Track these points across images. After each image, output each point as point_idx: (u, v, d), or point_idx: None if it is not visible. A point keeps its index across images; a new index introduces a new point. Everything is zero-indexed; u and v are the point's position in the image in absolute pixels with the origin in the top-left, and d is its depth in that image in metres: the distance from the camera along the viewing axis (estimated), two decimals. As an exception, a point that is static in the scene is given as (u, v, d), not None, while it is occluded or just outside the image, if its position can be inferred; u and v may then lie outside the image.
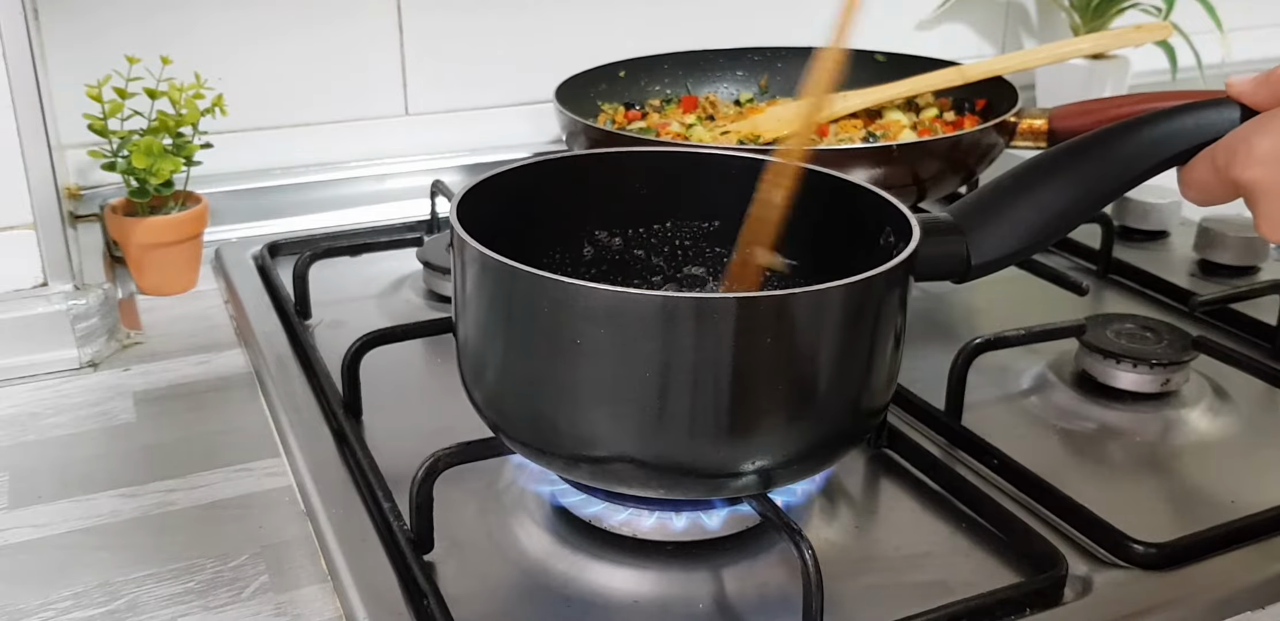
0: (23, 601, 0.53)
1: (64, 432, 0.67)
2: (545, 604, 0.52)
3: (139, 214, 0.83)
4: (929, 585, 0.53)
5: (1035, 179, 0.52)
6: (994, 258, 0.52)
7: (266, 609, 0.52)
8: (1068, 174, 0.52)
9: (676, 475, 0.48)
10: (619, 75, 1.05)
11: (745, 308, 0.45)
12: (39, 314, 0.73)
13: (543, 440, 0.50)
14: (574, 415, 0.48)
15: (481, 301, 0.50)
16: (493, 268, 0.48)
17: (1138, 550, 0.54)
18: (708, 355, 0.45)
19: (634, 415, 0.47)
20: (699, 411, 0.47)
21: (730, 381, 0.46)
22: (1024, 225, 0.52)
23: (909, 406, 0.67)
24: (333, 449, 0.63)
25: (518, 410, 0.51)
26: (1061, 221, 0.52)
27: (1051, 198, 0.52)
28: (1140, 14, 1.28)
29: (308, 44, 0.99)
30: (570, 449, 0.49)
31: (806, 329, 0.46)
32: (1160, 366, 0.68)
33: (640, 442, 0.48)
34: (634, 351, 0.45)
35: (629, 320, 0.45)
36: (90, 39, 0.91)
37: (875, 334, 0.49)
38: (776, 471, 0.49)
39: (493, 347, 0.51)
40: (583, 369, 0.47)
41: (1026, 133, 0.91)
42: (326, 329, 0.78)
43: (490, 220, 0.54)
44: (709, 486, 0.49)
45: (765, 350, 0.46)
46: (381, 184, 1.01)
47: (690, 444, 0.47)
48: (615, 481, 0.50)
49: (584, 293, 0.45)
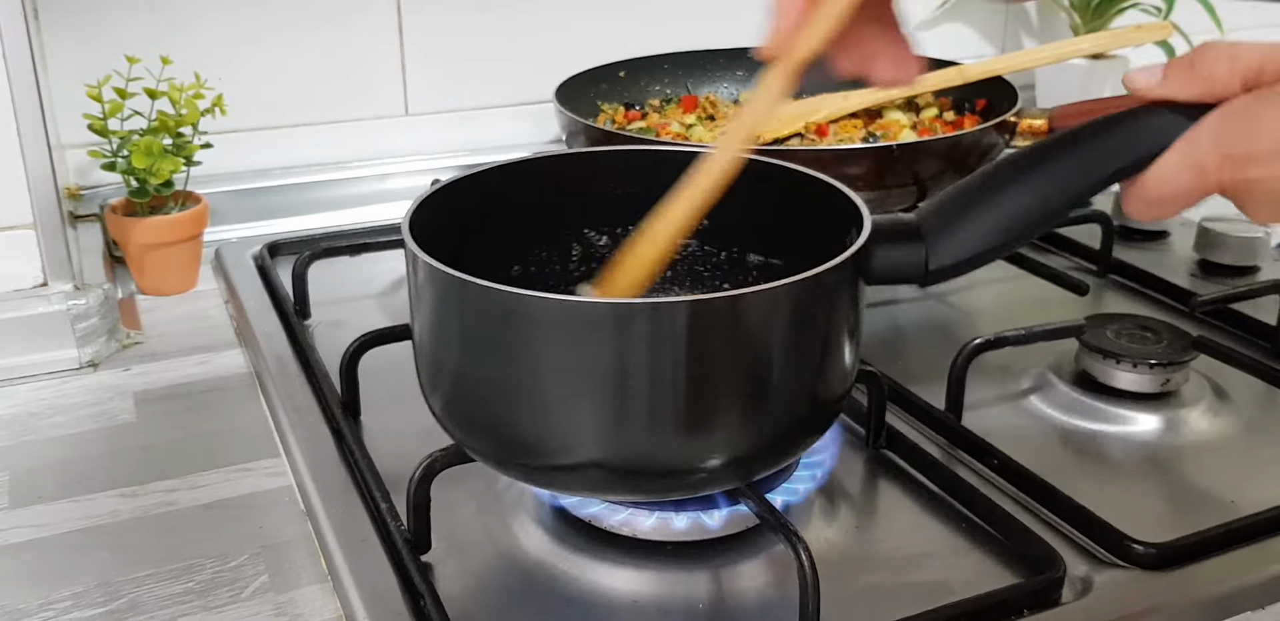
0: (23, 601, 0.53)
1: (64, 432, 0.67)
2: (544, 604, 0.52)
3: (139, 214, 0.83)
4: (928, 585, 0.53)
5: (997, 183, 0.51)
6: (953, 262, 0.50)
7: (266, 609, 0.52)
8: (1028, 179, 0.50)
9: (643, 476, 0.49)
10: (619, 75, 1.05)
11: (696, 309, 0.45)
12: (39, 314, 0.73)
13: (506, 452, 0.50)
14: (534, 425, 0.48)
15: (434, 314, 0.49)
16: (440, 280, 0.47)
17: (1137, 550, 0.54)
18: (663, 358, 0.45)
19: (595, 421, 0.47)
20: (658, 413, 0.47)
21: (686, 382, 0.46)
22: (985, 229, 0.50)
23: (909, 406, 0.67)
24: (332, 449, 0.63)
25: (478, 422, 0.51)
26: (1022, 227, 0.50)
27: (1013, 202, 0.50)
28: (1140, 14, 1.28)
29: (308, 44, 0.99)
30: (536, 459, 0.49)
31: (756, 327, 0.46)
32: (1160, 366, 0.68)
33: (603, 448, 0.48)
34: (588, 358, 0.45)
35: (581, 328, 0.45)
36: (90, 39, 0.91)
37: (827, 329, 0.49)
38: (741, 464, 0.49)
39: (448, 359, 0.50)
40: (538, 378, 0.47)
41: (1026, 132, 0.91)
42: (326, 329, 0.78)
43: (462, 224, 0.53)
44: (676, 484, 0.49)
45: (718, 349, 0.46)
46: (381, 184, 1.01)
47: (652, 445, 0.47)
48: (585, 488, 0.50)
49: (529, 302, 0.45)
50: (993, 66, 0.97)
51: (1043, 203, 0.50)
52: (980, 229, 0.50)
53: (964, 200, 0.51)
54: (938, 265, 0.50)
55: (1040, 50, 1.01)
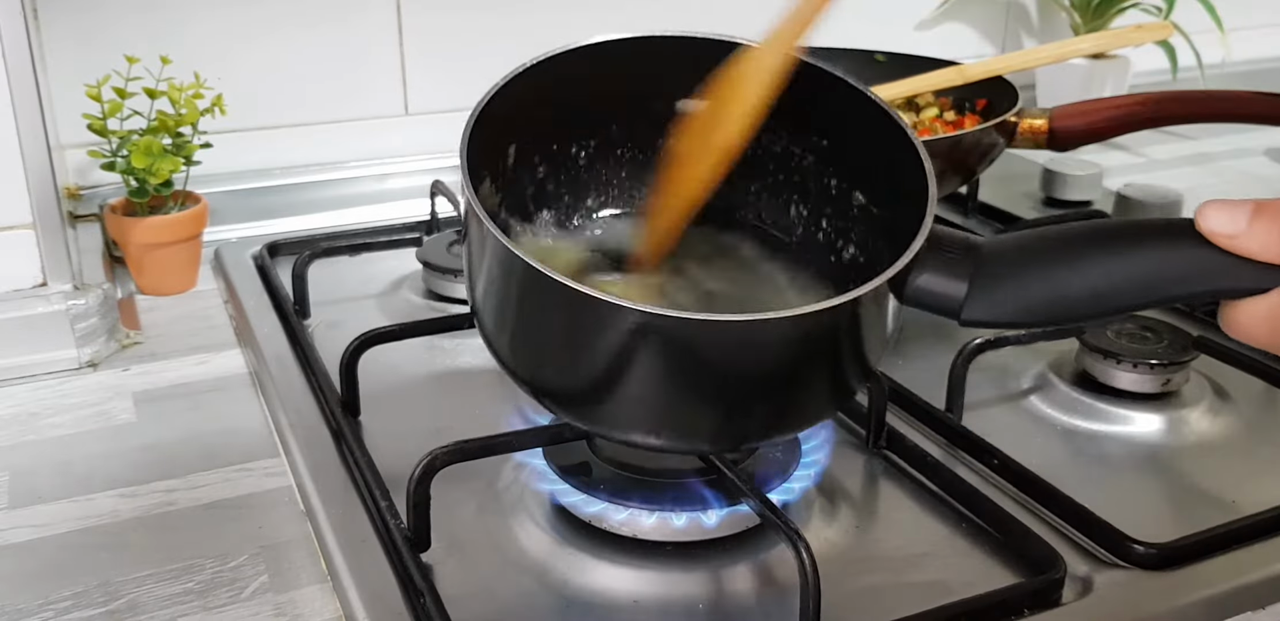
0: (23, 601, 0.53)
1: (64, 432, 0.67)
2: (545, 604, 0.52)
3: (138, 214, 0.83)
4: (929, 585, 0.53)
5: (1071, 252, 0.47)
6: (984, 318, 0.48)
7: (266, 609, 0.52)
8: (1102, 261, 0.46)
9: None
10: (619, 75, 1.05)
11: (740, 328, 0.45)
12: (38, 314, 0.73)
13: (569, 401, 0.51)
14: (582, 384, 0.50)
15: (494, 287, 0.50)
16: (508, 262, 0.47)
17: (1138, 550, 0.54)
18: (707, 365, 0.46)
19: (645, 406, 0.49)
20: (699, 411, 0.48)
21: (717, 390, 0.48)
22: (1029, 298, 0.47)
23: (909, 406, 0.67)
24: (332, 448, 0.63)
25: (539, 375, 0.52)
26: (1068, 311, 0.47)
27: (1071, 278, 0.46)
28: (1140, 13, 1.28)
29: (307, 43, 0.99)
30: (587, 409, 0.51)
31: (797, 343, 0.47)
32: (1160, 366, 0.68)
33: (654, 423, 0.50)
34: (621, 355, 0.46)
35: (615, 328, 0.45)
36: (90, 39, 0.91)
37: (856, 340, 0.48)
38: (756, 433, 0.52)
39: (505, 323, 0.51)
40: (582, 358, 0.48)
41: (1027, 132, 0.91)
42: (325, 328, 0.78)
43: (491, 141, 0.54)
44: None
45: (750, 364, 0.47)
46: (381, 184, 1.01)
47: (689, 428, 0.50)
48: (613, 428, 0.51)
49: (581, 300, 0.45)
50: (993, 66, 0.97)
51: (1103, 301, 0.46)
52: (1027, 301, 0.47)
53: (1029, 257, 0.47)
54: (970, 317, 0.48)
55: (1040, 50, 1.01)
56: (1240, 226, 0.43)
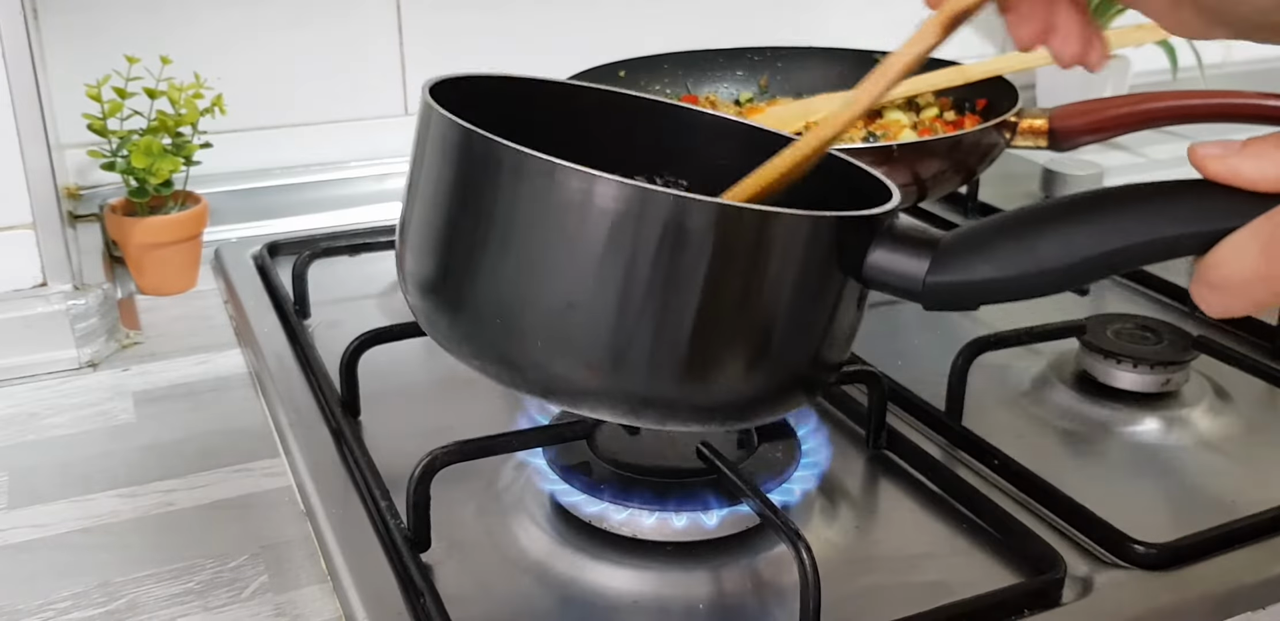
0: (23, 601, 0.53)
1: (64, 432, 0.67)
2: (544, 604, 0.52)
3: (138, 214, 0.83)
4: (929, 585, 0.53)
5: (1035, 220, 0.46)
6: (950, 279, 0.46)
7: (266, 609, 0.52)
8: (1068, 224, 0.45)
9: (622, 397, 0.46)
10: (619, 75, 1.05)
11: (725, 215, 0.42)
12: (38, 314, 0.73)
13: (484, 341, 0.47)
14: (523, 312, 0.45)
15: (440, 180, 0.47)
16: (463, 139, 0.44)
17: (1138, 550, 0.54)
18: (678, 260, 0.43)
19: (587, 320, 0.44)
20: (658, 323, 0.44)
21: (696, 296, 0.43)
22: (998, 260, 0.45)
23: (909, 406, 0.67)
24: (332, 448, 0.63)
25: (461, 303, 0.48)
26: (1040, 272, 0.45)
27: (1040, 242, 0.45)
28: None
29: (307, 43, 0.99)
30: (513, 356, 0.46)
31: (778, 252, 0.44)
32: (1160, 366, 0.68)
33: (589, 353, 0.45)
34: (602, 247, 0.43)
35: (604, 211, 0.42)
36: (90, 39, 0.91)
37: (844, 283, 0.46)
38: (722, 409, 0.47)
39: (445, 234, 0.47)
40: (544, 260, 0.44)
41: (1027, 132, 0.91)
42: (325, 328, 0.78)
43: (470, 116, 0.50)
44: (648, 407, 0.47)
45: (734, 266, 0.43)
46: (381, 184, 1.01)
47: (640, 363, 0.45)
48: (553, 395, 0.47)
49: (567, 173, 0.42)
50: (993, 66, 0.97)
51: (1073, 250, 0.44)
52: (996, 258, 0.45)
53: (993, 229, 0.46)
54: (935, 279, 0.46)
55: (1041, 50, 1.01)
56: (1233, 148, 0.43)
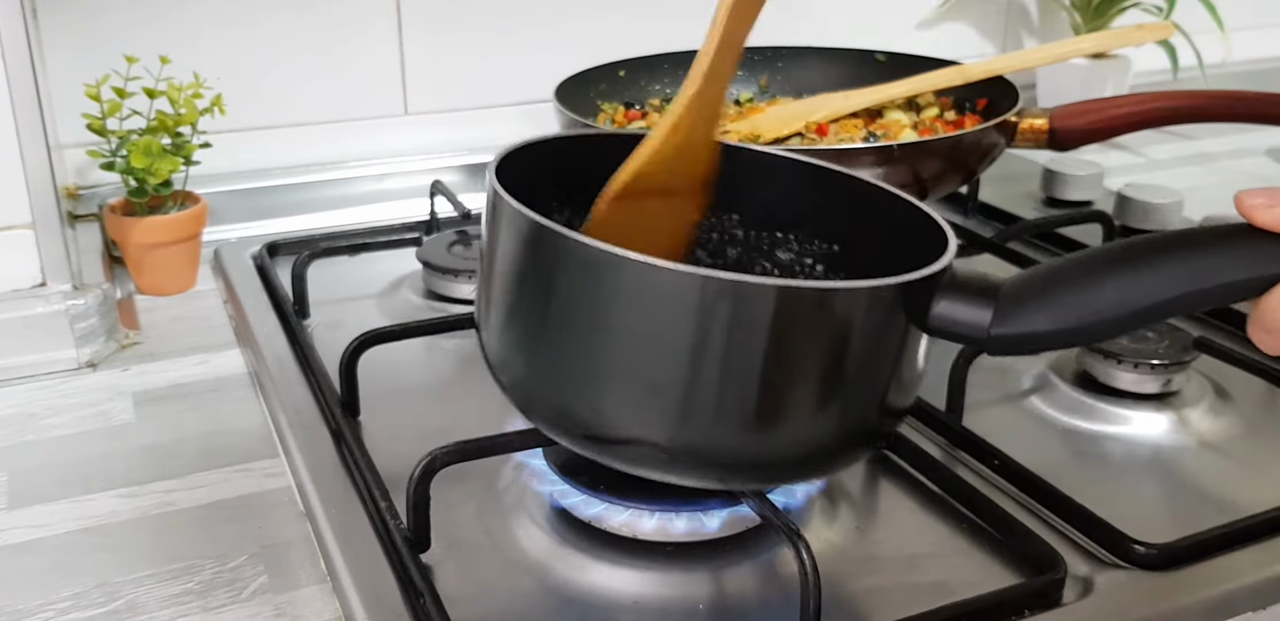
0: (23, 601, 0.53)
1: (63, 432, 0.67)
2: (544, 604, 0.52)
3: (138, 214, 0.83)
4: (929, 586, 0.53)
5: (1091, 269, 0.47)
6: (1014, 332, 0.47)
7: (266, 609, 0.52)
8: (1124, 273, 0.46)
9: (693, 461, 0.48)
10: (619, 75, 1.05)
11: (785, 295, 0.44)
12: (38, 314, 0.73)
13: (566, 419, 0.49)
14: (599, 391, 0.47)
15: (514, 267, 0.48)
16: (532, 229, 0.46)
17: (1138, 550, 0.54)
18: (741, 340, 0.44)
19: (661, 394, 0.46)
20: (726, 397, 0.46)
21: (760, 370, 0.45)
22: (1060, 311, 0.47)
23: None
24: (331, 449, 0.63)
25: (544, 387, 0.50)
26: (1101, 322, 0.47)
27: (1099, 292, 0.46)
28: (1141, 13, 1.28)
29: (307, 43, 0.99)
30: (592, 429, 0.49)
31: (841, 323, 0.45)
32: (1161, 366, 0.68)
33: (663, 427, 0.47)
34: (667, 330, 0.44)
35: (667, 298, 0.44)
36: (89, 39, 0.91)
37: (904, 340, 0.48)
38: (793, 466, 0.49)
39: (519, 318, 0.49)
40: (613, 343, 0.46)
41: (1027, 132, 0.91)
42: (325, 328, 0.78)
43: (530, 187, 0.52)
44: (724, 475, 0.49)
45: (800, 340, 0.45)
46: (381, 184, 1.01)
47: (713, 430, 0.46)
48: (632, 462, 0.49)
49: (628, 265, 0.44)
50: (993, 66, 0.97)
51: (1136, 299, 0.46)
52: (1058, 310, 0.47)
53: (1053, 277, 0.48)
54: (1000, 331, 0.47)
55: (1041, 50, 1.01)
56: (1277, 197, 0.43)
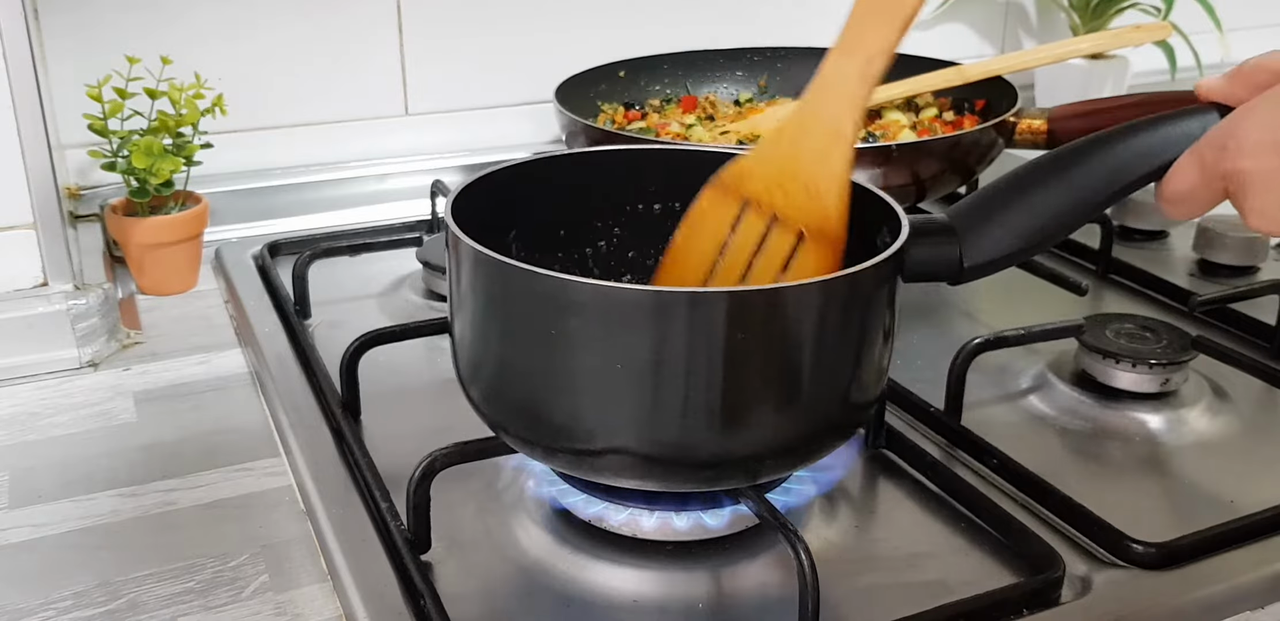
0: (23, 601, 0.53)
1: (64, 432, 0.67)
2: (544, 604, 0.52)
3: (139, 214, 0.83)
4: (928, 585, 0.53)
5: (1030, 183, 0.52)
6: (987, 259, 0.52)
7: (266, 608, 0.53)
8: (1061, 179, 0.52)
9: (670, 466, 0.49)
10: (619, 75, 1.05)
11: (735, 301, 0.45)
12: (39, 314, 0.73)
13: (539, 435, 0.51)
14: (569, 409, 0.49)
15: (475, 298, 0.50)
16: (484, 263, 0.48)
17: (1137, 550, 0.54)
18: (699, 348, 0.46)
19: (627, 409, 0.48)
20: (691, 404, 0.47)
21: (721, 374, 0.46)
22: (1018, 228, 0.51)
23: (909, 406, 0.67)
24: (332, 449, 0.63)
25: (513, 406, 0.51)
26: (1055, 226, 0.52)
27: (1046, 202, 0.52)
28: (1139, 14, 1.28)
29: (308, 44, 0.99)
30: (566, 443, 0.50)
31: (794, 322, 0.47)
32: (1160, 366, 0.68)
33: (633, 436, 0.48)
34: (624, 345, 0.46)
35: (619, 314, 0.46)
36: (90, 39, 0.91)
37: (863, 328, 0.49)
38: (767, 462, 0.50)
39: (486, 345, 0.51)
40: (574, 363, 0.47)
41: (1026, 132, 0.91)
42: (326, 329, 0.78)
43: (489, 216, 0.54)
44: (702, 477, 0.50)
45: (754, 342, 0.46)
46: (381, 184, 1.01)
47: (682, 436, 0.48)
48: (611, 474, 0.51)
49: (573, 287, 0.46)
50: (992, 66, 0.97)
51: (1075, 203, 0.51)
52: (1014, 227, 0.51)
53: (997, 200, 0.52)
54: (972, 262, 0.51)
55: (1040, 50, 1.01)
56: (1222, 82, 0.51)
